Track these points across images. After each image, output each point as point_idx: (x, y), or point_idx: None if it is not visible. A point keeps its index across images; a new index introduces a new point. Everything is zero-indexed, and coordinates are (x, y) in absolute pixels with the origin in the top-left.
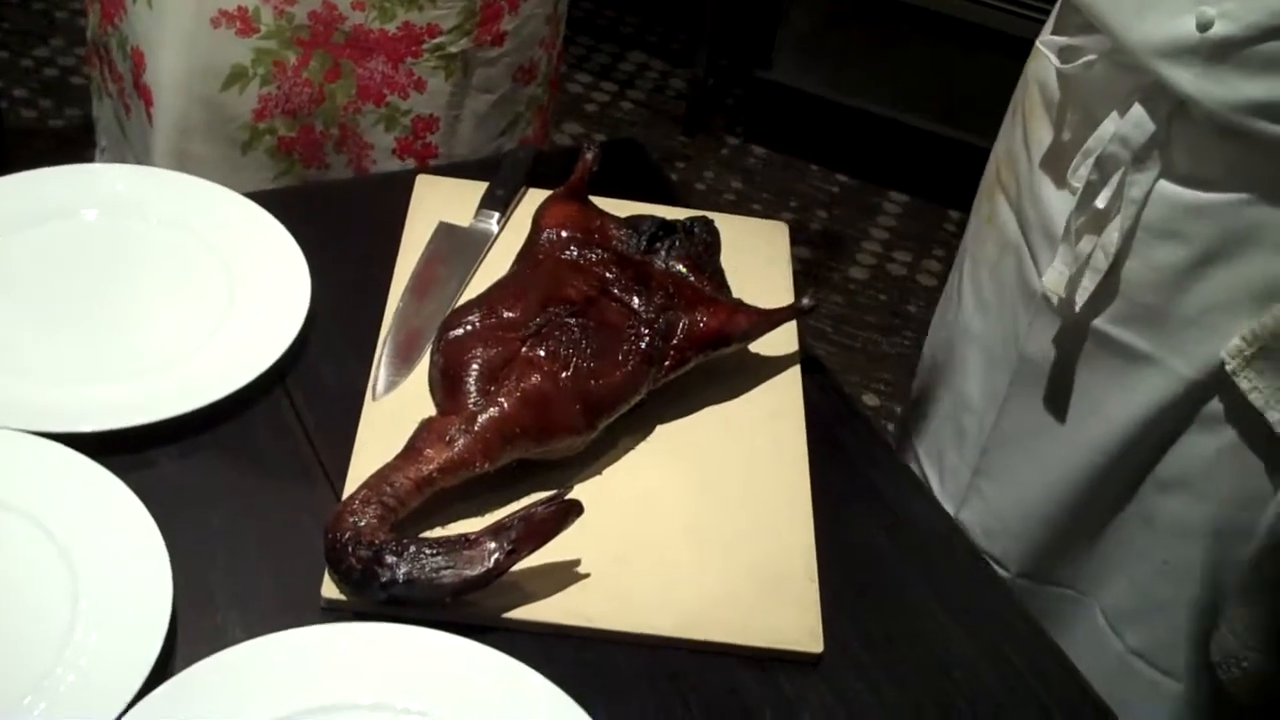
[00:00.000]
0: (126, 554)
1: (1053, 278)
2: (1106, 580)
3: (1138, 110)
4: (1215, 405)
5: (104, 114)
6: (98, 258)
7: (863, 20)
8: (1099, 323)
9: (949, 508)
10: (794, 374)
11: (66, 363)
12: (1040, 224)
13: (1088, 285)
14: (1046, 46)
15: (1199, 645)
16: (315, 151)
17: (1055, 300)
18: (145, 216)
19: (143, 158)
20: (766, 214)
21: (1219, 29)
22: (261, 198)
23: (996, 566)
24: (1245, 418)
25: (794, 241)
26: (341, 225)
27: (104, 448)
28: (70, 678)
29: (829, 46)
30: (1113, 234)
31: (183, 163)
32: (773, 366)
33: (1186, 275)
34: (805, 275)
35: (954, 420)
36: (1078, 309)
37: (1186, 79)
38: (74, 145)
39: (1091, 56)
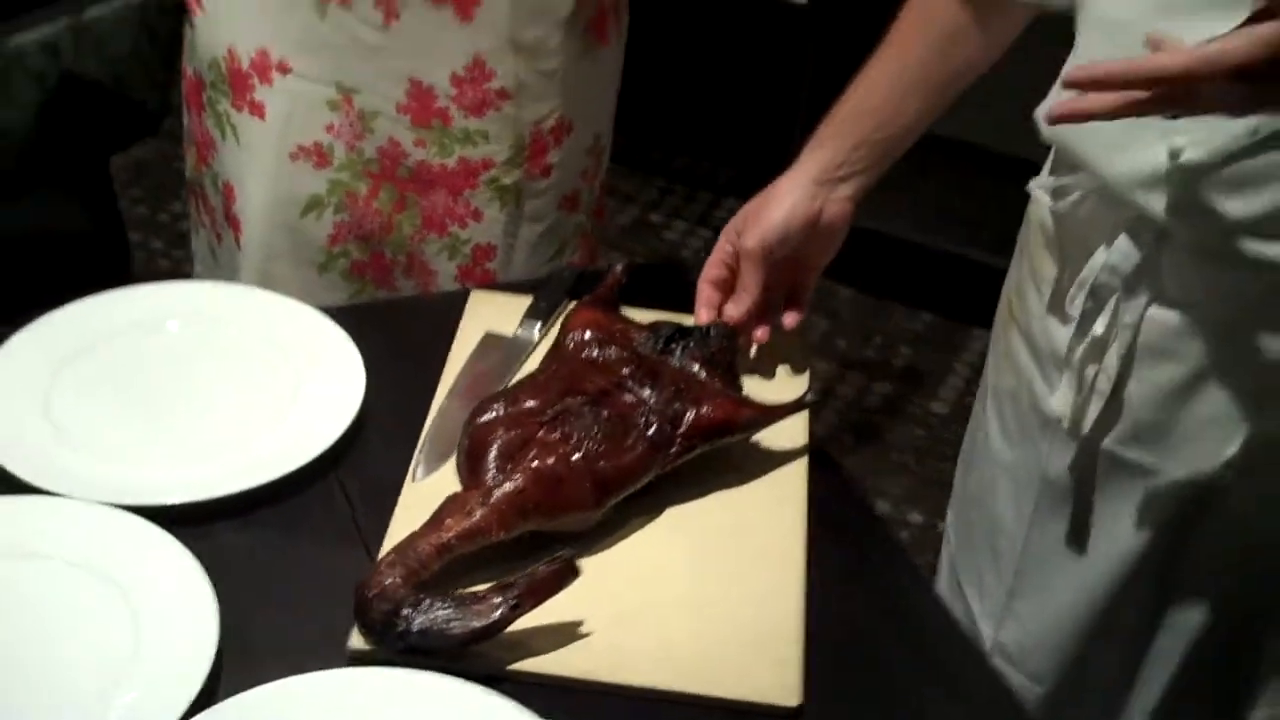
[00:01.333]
0: (181, 604)
1: (1060, 399)
2: (1136, 685)
3: (1124, 241)
4: (1216, 511)
5: (199, 245)
6: (179, 359)
7: (944, 165)
8: (1108, 443)
9: (988, 629)
10: (800, 464)
11: (145, 447)
12: (1050, 353)
13: (1094, 409)
14: (1040, 188)
15: None
16: (385, 276)
17: (1065, 423)
18: (221, 324)
19: (232, 279)
20: (850, 352)
21: (1189, 155)
22: (329, 311)
23: (1031, 685)
24: (1245, 523)
25: (877, 377)
26: (401, 335)
27: (175, 519)
28: (128, 699)
29: (908, 190)
30: (1112, 358)
31: (267, 283)
32: (780, 458)
33: (1185, 391)
34: (885, 411)
35: (990, 542)
36: (1086, 432)
37: (1164, 207)
38: None
39: (1080, 194)
